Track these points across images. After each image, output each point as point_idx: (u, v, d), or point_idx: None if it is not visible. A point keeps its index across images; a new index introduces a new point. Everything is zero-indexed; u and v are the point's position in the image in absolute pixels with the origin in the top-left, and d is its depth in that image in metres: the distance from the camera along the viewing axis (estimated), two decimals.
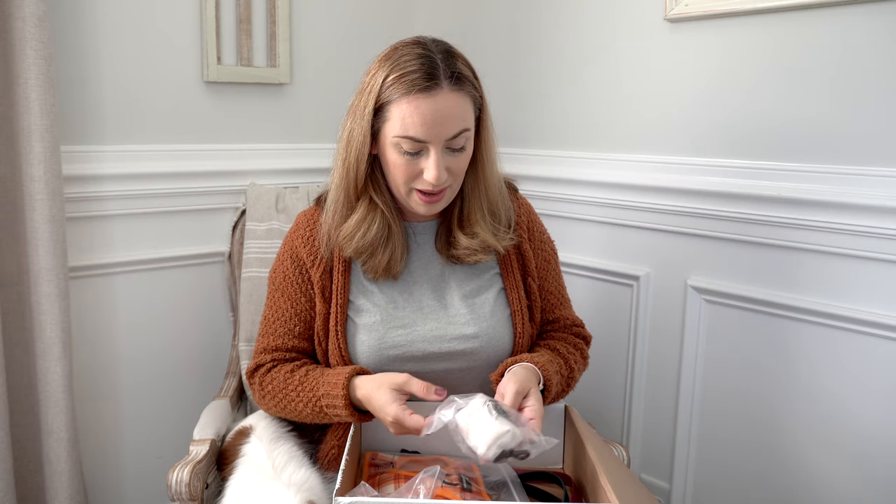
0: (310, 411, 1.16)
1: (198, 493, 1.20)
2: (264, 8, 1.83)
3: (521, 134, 1.93)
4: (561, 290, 1.32)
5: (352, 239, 1.17)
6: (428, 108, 1.06)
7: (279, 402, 1.20)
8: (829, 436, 1.43)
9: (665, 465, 1.73)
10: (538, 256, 1.29)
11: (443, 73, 1.07)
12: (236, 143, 1.82)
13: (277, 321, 1.24)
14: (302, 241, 1.24)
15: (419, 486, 0.88)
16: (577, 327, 1.32)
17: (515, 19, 1.92)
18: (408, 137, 1.07)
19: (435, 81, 1.06)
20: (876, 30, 1.31)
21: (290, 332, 1.23)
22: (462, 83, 1.09)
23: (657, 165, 1.64)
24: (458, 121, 1.09)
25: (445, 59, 1.09)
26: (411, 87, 1.06)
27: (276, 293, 1.26)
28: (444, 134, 1.08)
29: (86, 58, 1.59)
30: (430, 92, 1.06)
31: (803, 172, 1.41)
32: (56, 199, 1.46)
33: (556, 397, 1.19)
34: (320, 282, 1.21)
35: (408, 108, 1.06)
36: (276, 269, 1.27)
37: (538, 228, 1.32)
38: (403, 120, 1.07)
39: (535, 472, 1.13)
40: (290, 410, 1.20)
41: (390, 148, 1.11)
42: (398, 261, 1.19)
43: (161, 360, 1.76)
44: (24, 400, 1.52)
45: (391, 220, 1.18)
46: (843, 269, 1.38)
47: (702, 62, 1.56)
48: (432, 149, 1.08)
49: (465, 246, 1.19)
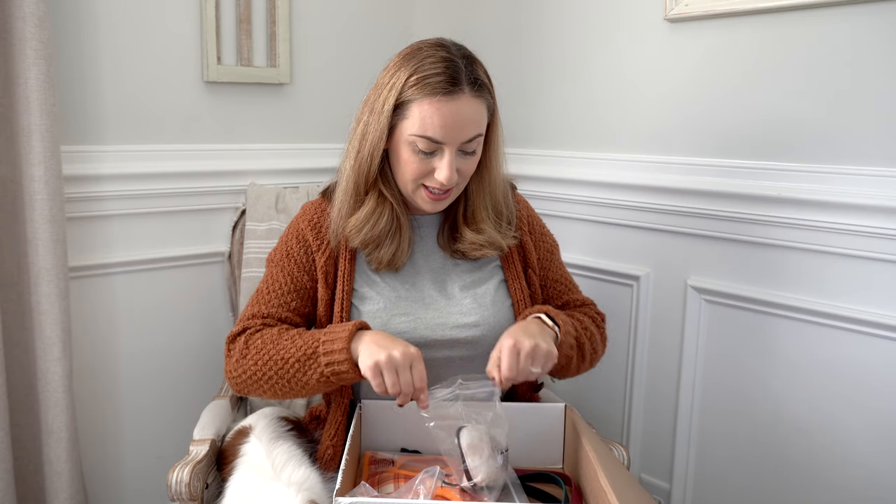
0: (298, 359, 1.09)
1: (198, 493, 1.20)
2: (264, 8, 1.83)
3: (520, 134, 1.93)
4: (566, 277, 1.35)
5: (360, 231, 1.18)
6: (449, 111, 1.09)
7: (263, 355, 1.13)
8: (828, 436, 1.43)
9: (665, 465, 1.73)
10: (539, 248, 1.31)
11: (465, 78, 1.10)
12: (236, 143, 1.82)
13: (273, 293, 1.22)
14: (309, 225, 1.24)
15: (419, 487, 0.89)
16: (587, 306, 1.34)
17: (515, 19, 1.92)
18: (426, 137, 1.10)
19: (458, 86, 1.09)
20: (877, 29, 1.31)
21: (286, 304, 1.21)
22: (482, 90, 1.13)
23: (657, 165, 1.64)
24: (475, 125, 1.12)
25: (468, 65, 1.12)
26: (435, 90, 1.09)
27: (274, 269, 1.24)
28: (461, 137, 1.11)
29: (86, 58, 1.59)
30: (453, 96, 1.09)
31: (803, 172, 1.41)
32: (56, 199, 1.46)
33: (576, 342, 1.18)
34: (324, 267, 1.21)
35: (429, 109, 1.09)
36: (277, 248, 1.27)
37: (538, 223, 1.35)
38: (423, 120, 1.09)
39: (536, 474, 1.13)
40: (272, 364, 1.12)
41: (405, 145, 1.13)
42: (403, 253, 1.21)
43: (161, 359, 1.76)
44: (24, 400, 1.52)
45: (400, 214, 1.20)
46: (844, 269, 1.38)
47: (702, 62, 1.56)
48: (447, 150, 1.11)
49: (470, 241, 1.22)
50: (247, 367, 1.15)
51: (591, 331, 1.24)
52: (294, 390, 1.13)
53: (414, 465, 1.08)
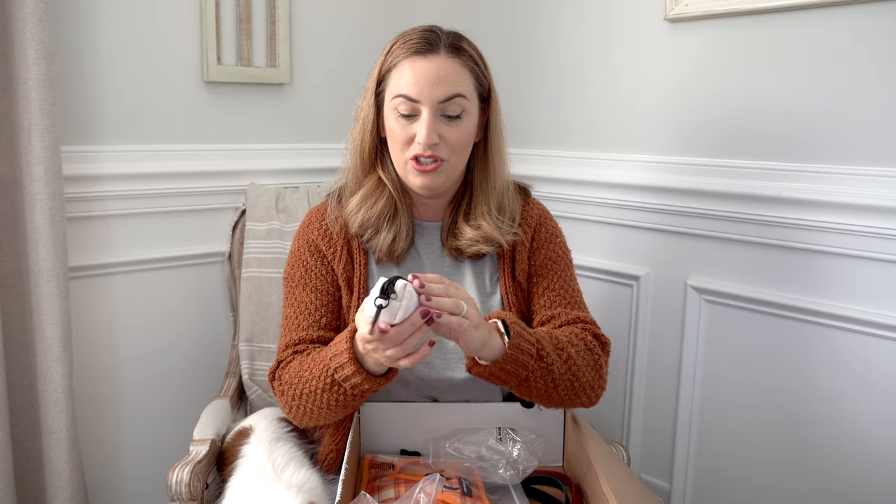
0: (324, 388, 1.05)
1: (198, 493, 1.20)
2: (264, 8, 1.83)
3: (520, 134, 1.93)
4: (568, 290, 1.23)
5: (358, 212, 1.18)
6: (422, 68, 1.10)
7: (298, 392, 1.09)
8: (828, 436, 1.43)
9: (665, 465, 1.73)
10: (539, 254, 1.24)
11: (442, 42, 1.13)
12: (236, 143, 1.82)
13: (301, 315, 1.18)
14: (319, 234, 1.23)
15: (420, 495, 0.88)
16: (584, 323, 1.19)
17: (515, 19, 1.92)
18: (402, 96, 1.11)
19: (431, 46, 1.12)
20: (877, 30, 1.31)
21: (316, 322, 1.18)
22: (460, 53, 1.13)
23: (657, 165, 1.64)
24: (452, 84, 1.11)
25: (450, 35, 1.15)
26: (410, 50, 1.12)
27: (296, 289, 1.21)
28: (436, 95, 1.10)
29: (86, 58, 1.59)
30: (426, 55, 1.11)
31: (803, 172, 1.41)
32: (56, 199, 1.46)
33: (537, 350, 1.05)
34: (345, 273, 1.20)
35: (405, 68, 1.12)
36: (293, 264, 1.24)
37: (548, 230, 1.26)
38: (399, 80, 1.12)
39: (536, 476, 1.13)
40: (308, 398, 1.08)
41: (389, 114, 1.14)
42: (402, 240, 1.20)
43: (161, 360, 1.76)
44: (24, 400, 1.52)
45: (397, 199, 1.20)
46: (843, 269, 1.38)
47: (702, 62, 1.56)
48: (424, 110, 1.11)
49: (468, 237, 1.20)
50: (291, 406, 1.12)
51: (568, 353, 1.08)
52: (344, 411, 1.09)
53: (413, 469, 1.08)
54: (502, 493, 1.06)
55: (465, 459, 1.07)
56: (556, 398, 1.09)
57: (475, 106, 1.15)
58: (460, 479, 1.02)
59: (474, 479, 1.05)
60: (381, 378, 1.03)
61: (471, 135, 1.16)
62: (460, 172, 1.19)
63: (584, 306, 1.24)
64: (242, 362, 1.64)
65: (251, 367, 1.64)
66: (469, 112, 1.14)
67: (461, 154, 1.16)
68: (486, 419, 1.14)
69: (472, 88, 1.14)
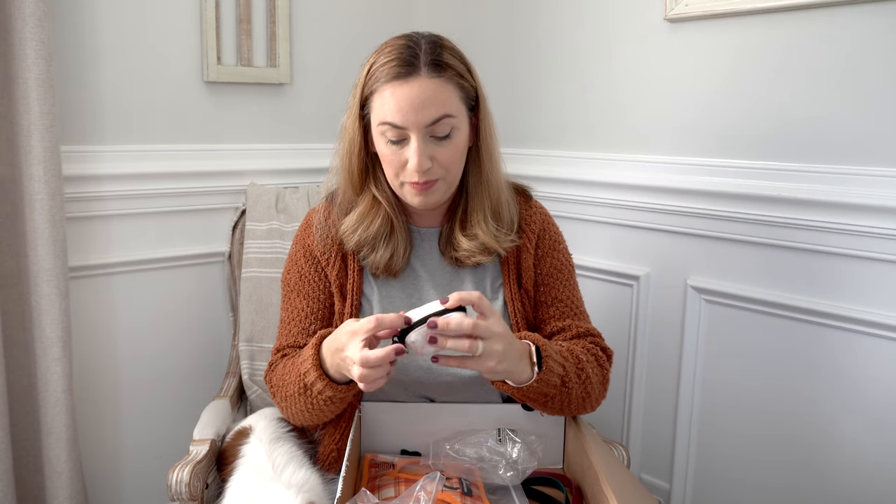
0: (299, 392, 1.09)
1: (198, 493, 1.19)
2: (264, 8, 1.83)
3: (519, 134, 1.93)
4: (573, 300, 1.24)
5: (354, 232, 1.18)
6: (403, 94, 1.06)
7: (283, 395, 1.15)
8: (829, 435, 1.43)
9: (665, 465, 1.73)
10: (545, 263, 1.23)
11: (422, 60, 1.07)
12: (236, 143, 1.82)
13: (293, 321, 1.22)
14: (314, 238, 1.23)
15: (420, 493, 0.88)
16: (593, 337, 1.21)
17: (515, 19, 1.92)
18: (387, 123, 1.08)
19: (411, 68, 1.06)
20: (878, 30, 1.31)
21: (305, 330, 1.20)
22: (442, 70, 1.08)
23: (657, 165, 1.64)
24: (437, 107, 1.07)
25: (429, 49, 1.08)
26: (388, 75, 1.07)
27: (291, 294, 1.24)
28: (422, 120, 1.07)
29: (85, 58, 1.59)
30: (406, 78, 1.06)
31: (803, 172, 1.41)
32: (56, 199, 1.46)
33: (559, 384, 1.06)
34: (337, 280, 1.20)
35: (386, 94, 1.07)
36: (289, 269, 1.25)
37: (552, 236, 1.26)
38: (382, 107, 1.08)
39: (536, 477, 1.12)
40: (290, 400, 1.13)
41: (378, 139, 1.12)
42: (400, 258, 1.19)
43: (161, 360, 1.76)
44: (24, 400, 1.52)
45: (393, 217, 1.18)
46: (844, 269, 1.38)
47: (702, 62, 1.56)
48: (412, 136, 1.08)
49: (465, 248, 1.18)
50: (282, 407, 1.19)
51: (587, 373, 1.10)
52: (325, 414, 1.13)
53: (413, 469, 1.08)
54: (502, 493, 1.06)
55: (466, 460, 1.07)
56: (565, 412, 1.12)
57: (464, 119, 1.12)
58: (460, 478, 1.02)
59: (474, 480, 1.05)
60: (343, 386, 1.06)
61: (463, 148, 1.14)
62: (458, 181, 1.18)
63: (588, 316, 1.27)
64: (242, 362, 1.64)
65: (251, 367, 1.64)
66: (458, 128, 1.11)
67: (456, 169, 1.14)
68: (487, 420, 1.15)
69: (458, 103, 1.10)
